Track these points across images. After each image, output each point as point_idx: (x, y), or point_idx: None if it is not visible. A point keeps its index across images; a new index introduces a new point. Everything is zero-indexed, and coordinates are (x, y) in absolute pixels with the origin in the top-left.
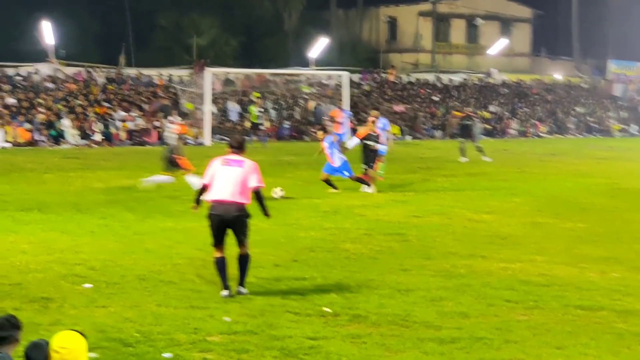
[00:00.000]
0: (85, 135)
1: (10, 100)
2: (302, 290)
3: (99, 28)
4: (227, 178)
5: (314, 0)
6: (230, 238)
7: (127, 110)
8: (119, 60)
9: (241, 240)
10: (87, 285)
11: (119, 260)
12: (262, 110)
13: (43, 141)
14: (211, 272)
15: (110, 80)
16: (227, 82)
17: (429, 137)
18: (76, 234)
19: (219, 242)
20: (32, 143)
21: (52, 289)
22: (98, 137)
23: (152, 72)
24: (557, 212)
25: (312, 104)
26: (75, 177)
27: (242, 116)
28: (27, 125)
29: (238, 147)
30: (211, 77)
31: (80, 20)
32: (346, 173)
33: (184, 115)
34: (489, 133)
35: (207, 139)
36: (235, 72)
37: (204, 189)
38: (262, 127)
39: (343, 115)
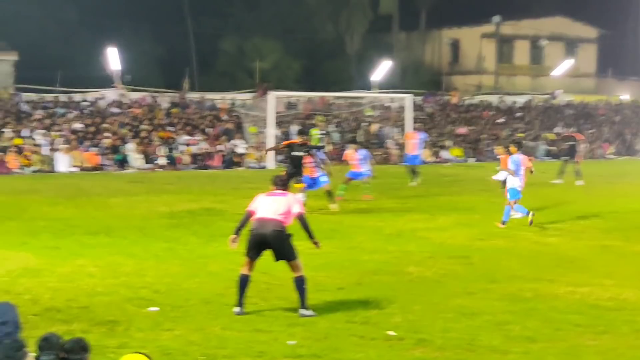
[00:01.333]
0: (149, 159)
1: (78, 126)
2: (367, 313)
3: (163, 53)
4: (270, 203)
5: (377, 24)
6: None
7: (190, 134)
8: (182, 85)
9: (289, 262)
10: (153, 308)
11: (184, 283)
12: (324, 133)
13: (109, 165)
14: (275, 295)
15: (174, 104)
16: (290, 105)
17: (492, 159)
18: (141, 258)
19: (250, 259)
20: (98, 167)
21: (118, 312)
22: (162, 161)
23: (215, 96)
24: (627, 235)
25: (374, 127)
26: (140, 201)
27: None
28: (94, 150)
29: (282, 186)
30: (274, 100)
31: (145, 46)
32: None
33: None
34: (555, 155)
35: (270, 162)
36: (298, 96)
37: (247, 216)
38: (325, 151)
39: (418, 137)
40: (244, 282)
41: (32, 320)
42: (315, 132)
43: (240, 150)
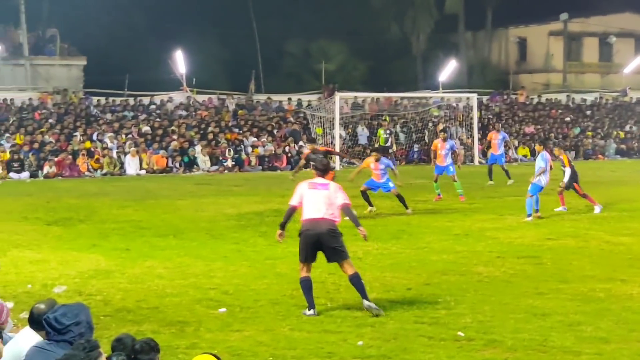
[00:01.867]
0: (216, 161)
1: (146, 128)
2: (435, 314)
3: (229, 56)
4: (316, 199)
5: (442, 23)
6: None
7: (257, 136)
8: (249, 87)
9: (342, 261)
10: (222, 309)
11: (252, 284)
12: (390, 133)
13: (176, 168)
14: (343, 296)
15: (240, 106)
16: (356, 106)
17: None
18: (210, 259)
19: (307, 260)
20: (166, 170)
21: (187, 312)
22: (229, 162)
23: (281, 98)
24: None
25: (441, 127)
26: (207, 203)
27: (371, 140)
28: (162, 153)
29: (323, 170)
30: (340, 101)
31: (211, 49)
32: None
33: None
34: (624, 153)
35: (336, 163)
36: (364, 96)
37: (291, 211)
38: (390, 150)
39: (499, 137)
40: (307, 285)
41: (103, 321)
42: (382, 132)
43: (306, 151)
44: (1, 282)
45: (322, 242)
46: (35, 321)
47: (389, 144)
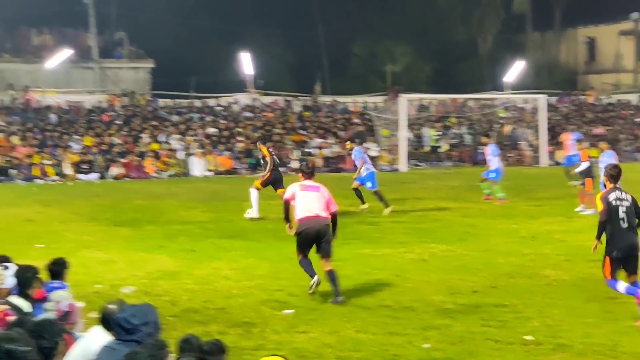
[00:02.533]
0: (282, 162)
1: (212, 130)
2: (502, 317)
3: (294, 58)
4: (309, 200)
5: (509, 24)
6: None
7: (322, 137)
8: (314, 89)
9: (327, 253)
10: (288, 311)
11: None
12: (440, 134)
13: (242, 169)
14: (409, 297)
15: (306, 108)
16: (422, 107)
17: (631, 159)
18: (276, 261)
19: (304, 251)
20: (232, 171)
21: (254, 314)
22: (295, 164)
23: (347, 100)
24: None
25: (507, 128)
26: (273, 204)
27: (437, 141)
28: (227, 154)
29: (310, 173)
30: (406, 103)
31: (277, 51)
32: (369, 184)
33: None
34: None
35: (402, 165)
36: (430, 98)
37: (287, 204)
38: (440, 151)
39: (571, 138)
40: (306, 263)
41: (170, 322)
42: (433, 133)
43: (372, 153)
44: (71, 282)
45: (319, 237)
46: (106, 321)
47: (439, 144)
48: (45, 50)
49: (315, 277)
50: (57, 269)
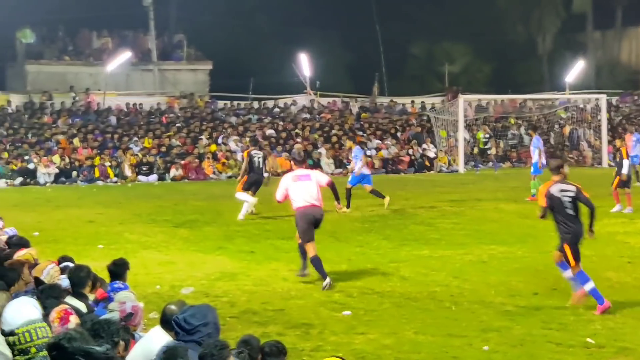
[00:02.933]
0: (340, 163)
1: (269, 131)
2: (563, 320)
3: (352, 59)
4: (304, 189)
5: (569, 23)
6: None
7: (381, 139)
8: (372, 90)
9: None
10: (346, 312)
11: (376, 287)
12: (489, 136)
13: None
14: (468, 299)
15: (364, 109)
16: (480, 108)
17: None
18: (334, 262)
19: (312, 239)
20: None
21: (312, 315)
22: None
23: (405, 101)
24: None
25: (567, 129)
26: (331, 206)
27: (495, 142)
28: (285, 155)
29: (302, 161)
30: (464, 104)
31: (335, 52)
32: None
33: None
34: None
35: (460, 166)
36: (488, 98)
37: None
38: (489, 153)
39: (633, 138)
40: (318, 261)
41: (229, 322)
42: (481, 136)
43: (430, 154)
44: (131, 282)
45: (316, 224)
46: (166, 321)
47: (488, 146)
48: (106, 53)
49: (327, 280)
50: (118, 269)
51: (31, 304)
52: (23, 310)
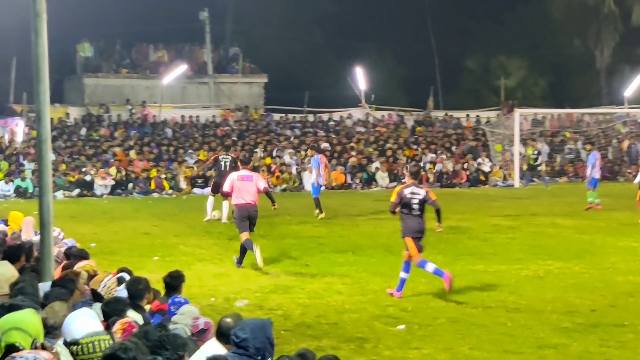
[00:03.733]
0: (395, 177)
1: (324, 145)
2: (622, 338)
3: (407, 72)
4: (246, 188)
5: (628, 36)
6: None
7: (435, 153)
8: (427, 103)
9: (252, 229)
10: (401, 326)
11: (431, 302)
12: (537, 153)
13: (355, 184)
14: (525, 315)
15: (419, 123)
16: (536, 122)
17: None
18: (388, 276)
19: (246, 230)
20: (345, 186)
21: (366, 329)
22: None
23: (460, 114)
24: None
25: (625, 144)
26: (386, 219)
27: (551, 157)
28: (340, 169)
29: (246, 162)
30: (519, 118)
31: (390, 65)
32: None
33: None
34: None
35: (516, 180)
36: (545, 113)
37: (226, 194)
38: (540, 169)
39: None
40: (250, 243)
41: (283, 336)
42: (530, 152)
43: (485, 168)
44: (186, 294)
45: (250, 219)
46: (222, 334)
47: (538, 162)
48: (162, 66)
49: (239, 265)
50: (174, 282)
51: (93, 316)
52: (86, 321)
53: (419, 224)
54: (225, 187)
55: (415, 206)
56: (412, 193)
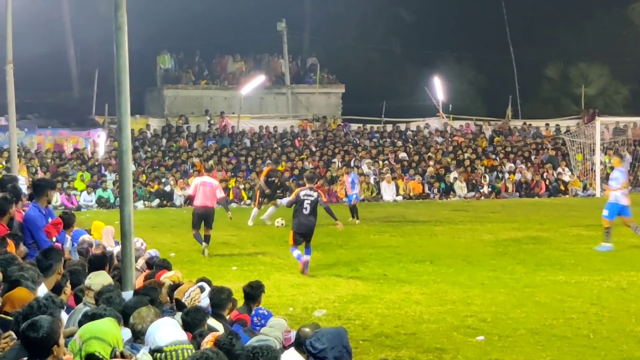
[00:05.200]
0: (473, 187)
1: (402, 155)
2: None
3: (485, 81)
4: (205, 193)
5: None
6: None
7: (514, 162)
8: (506, 113)
9: (209, 226)
10: (480, 337)
11: (510, 313)
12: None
13: (433, 194)
14: (607, 327)
15: (497, 132)
16: (618, 131)
17: None
18: (467, 286)
19: (197, 227)
20: (423, 196)
21: (445, 339)
22: (486, 189)
23: (539, 124)
24: None
25: None
26: (464, 229)
27: (633, 166)
28: (418, 178)
29: (210, 170)
30: (600, 126)
31: (468, 75)
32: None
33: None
34: None
35: (597, 190)
36: (627, 121)
37: (191, 198)
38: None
39: None
40: (199, 236)
41: (362, 346)
42: (607, 160)
43: (565, 178)
44: (264, 304)
45: (206, 218)
46: (300, 344)
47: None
48: (240, 76)
49: (203, 243)
50: (254, 292)
51: (176, 324)
52: (171, 330)
53: (308, 221)
54: (190, 191)
55: (307, 205)
56: (306, 195)
